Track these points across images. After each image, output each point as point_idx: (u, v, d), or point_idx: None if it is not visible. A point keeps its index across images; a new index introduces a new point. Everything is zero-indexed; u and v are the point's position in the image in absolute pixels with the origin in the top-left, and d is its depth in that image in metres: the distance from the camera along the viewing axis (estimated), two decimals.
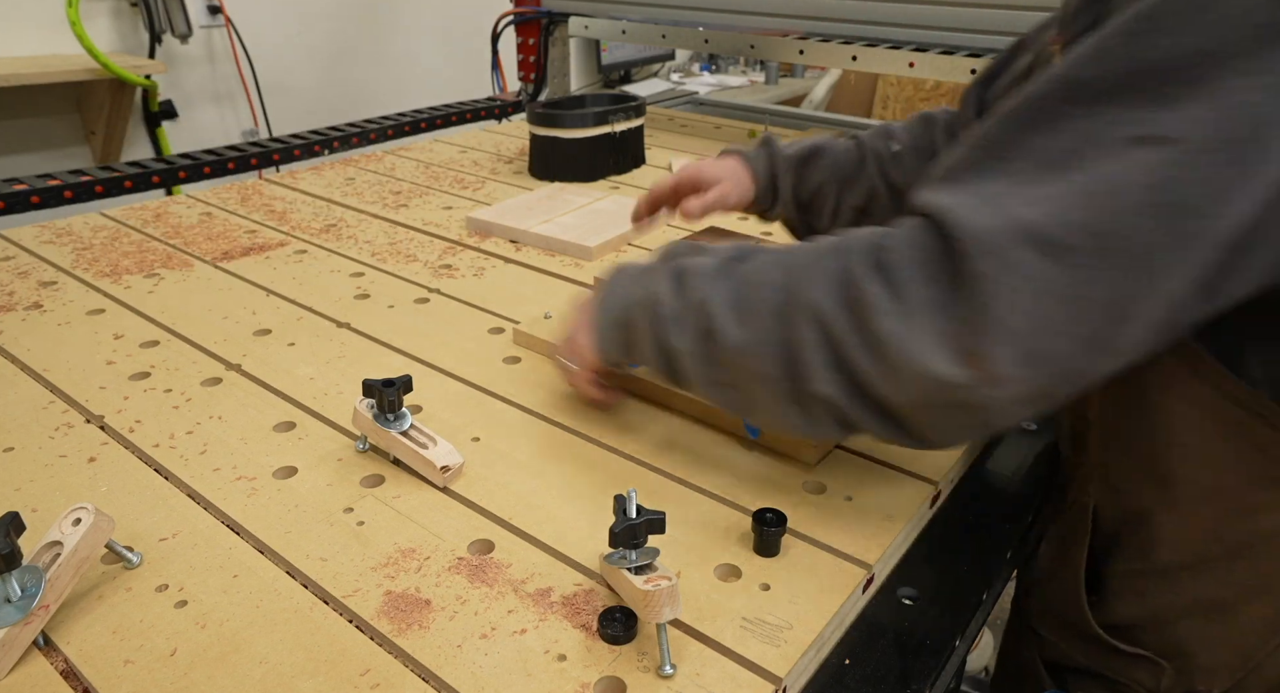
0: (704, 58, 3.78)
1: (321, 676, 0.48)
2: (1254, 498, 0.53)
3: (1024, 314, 0.42)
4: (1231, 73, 0.38)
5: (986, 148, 0.45)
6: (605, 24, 1.80)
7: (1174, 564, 0.59)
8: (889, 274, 0.47)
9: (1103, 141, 0.41)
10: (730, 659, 0.49)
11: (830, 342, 0.49)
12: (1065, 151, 0.42)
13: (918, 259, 0.46)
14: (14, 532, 0.48)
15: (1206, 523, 0.56)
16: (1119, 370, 0.45)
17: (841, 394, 0.50)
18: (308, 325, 0.89)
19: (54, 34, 2.04)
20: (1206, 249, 0.40)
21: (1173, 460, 0.56)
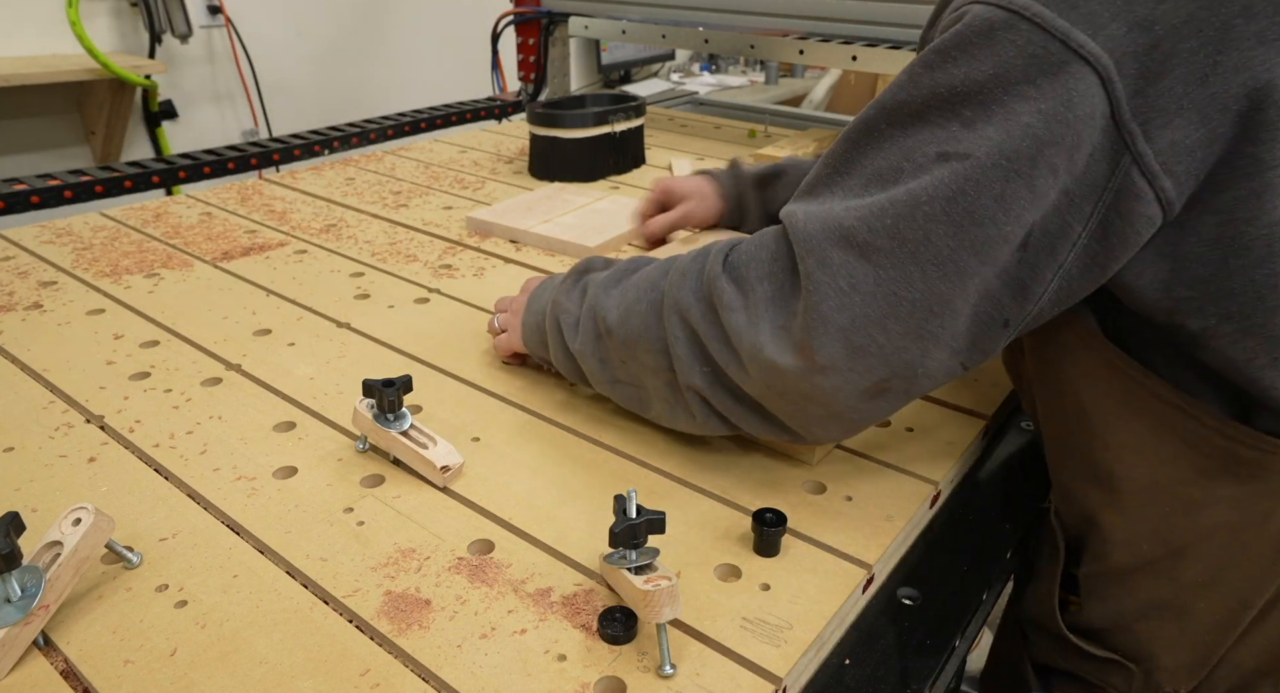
0: (704, 58, 3.78)
1: (321, 676, 0.48)
2: (1191, 494, 0.54)
3: (842, 309, 0.48)
4: (1015, 97, 0.43)
5: (831, 164, 0.51)
6: (605, 24, 1.80)
7: (1126, 566, 0.60)
8: (736, 273, 0.53)
9: (916, 157, 0.46)
10: (730, 659, 0.49)
11: (694, 336, 0.56)
12: (889, 168, 0.47)
13: (762, 259, 0.52)
14: (14, 532, 0.48)
15: (1151, 523, 0.57)
16: (964, 365, 0.50)
17: (707, 385, 0.57)
18: (308, 325, 0.89)
19: (54, 34, 2.04)
20: (1000, 252, 0.45)
21: (1110, 460, 0.57)
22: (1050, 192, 0.44)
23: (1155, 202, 0.44)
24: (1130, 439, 0.55)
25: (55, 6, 2.01)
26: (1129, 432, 0.55)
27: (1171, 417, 0.53)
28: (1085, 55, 0.41)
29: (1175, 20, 0.41)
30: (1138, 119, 0.42)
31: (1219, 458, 0.52)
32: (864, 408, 0.52)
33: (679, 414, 0.61)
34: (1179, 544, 0.56)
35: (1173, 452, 0.54)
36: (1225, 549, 0.55)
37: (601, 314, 0.63)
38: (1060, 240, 0.45)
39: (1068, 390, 0.58)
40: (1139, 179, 0.43)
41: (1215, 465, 0.52)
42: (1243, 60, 0.41)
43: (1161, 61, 0.41)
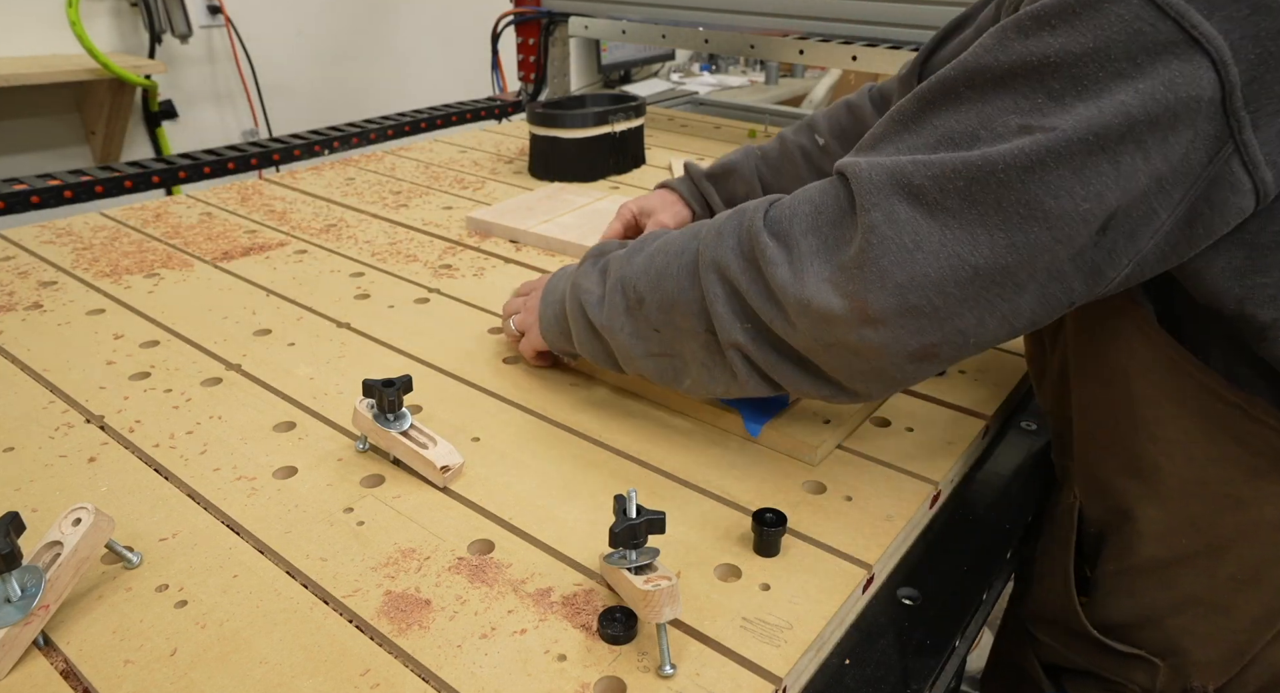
0: (704, 58, 3.78)
1: (321, 676, 0.48)
2: (1237, 491, 0.53)
3: (902, 265, 0.46)
4: (1113, 76, 0.41)
5: (899, 120, 0.49)
6: (605, 24, 1.80)
7: (1162, 561, 0.59)
8: (778, 227, 0.52)
9: (995, 126, 0.44)
10: (730, 659, 0.49)
11: (735, 292, 0.54)
12: (964, 133, 0.45)
13: (805, 212, 0.51)
14: (14, 532, 0.48)
15: (1192, 518, 0.56)
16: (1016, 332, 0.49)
17: (750, 341, 0.55)
18: (308, 325, 0.89)
19: (54, 34, 2.04)
20: (1077, 231, 0.43)
21: (1155, 455, 0.56)
22: (1139, 174, 0.41)
23: (1252, 193, 0.41)
24: (1179, 435, 0.54)
25: (55, 6, 2.01)
26: (1178, 427, 0.54)
27: (1226, 414, 0.51)
28: (1198, 37, 0.38)
29: None
30: (1249, 106, 0.39)
31: (1272, 457, 0.50)
32: (909, 368, 0.51)
33: (719, 377, 0.59)
34: (1221, 541, 0.55)
35: (1223, 450, 0.52)
36: (1269, 547, 0.53)
37: (631, 283, 0.61)
38: (1142, 227, 0.43)
39: (1116, 380, 0.56)
40: (1239, 169, 0.41)
41: (1268, 464, 0.51)
42: None
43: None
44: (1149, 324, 0.53)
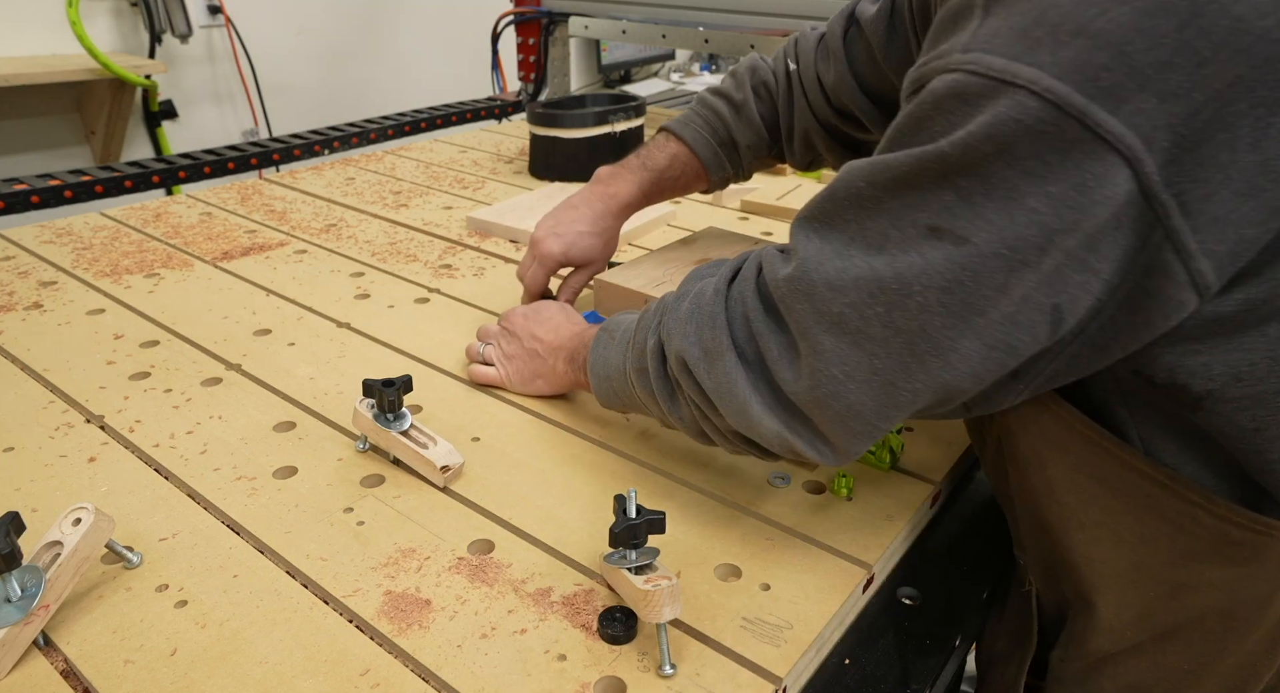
0: (704, 58, 3.78)
1: (321, 676, 0.48)
2: (1175, 576, 0.49)
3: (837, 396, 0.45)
4: (1019, 174, 0.37)
5: (814, 214, 0.47)
6: (605, 24, 1.80)
7: (1109, 653, 0.55)
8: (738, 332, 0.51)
9: (904, 226, 0.41)
10: (730, 659, 0.49)
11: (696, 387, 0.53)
12: (876, 232, 0.43)
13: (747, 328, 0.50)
14: (14, 532, 0.48)
15: (1135, 607, 0.52)
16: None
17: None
18: (308, 325, 0.89)
19: (54, 34, 2.04)
20: (1010, 334, 0.41)
21: (1086, 542, 0.53)
22: (1068, 274, 0.39)
23: (1190, 286, 0.38)
24: (1106, 517, 0.50)
25: (55, 6, 2.01)
26: (1102, 509, 0.50)
27: (1152, 492, 0.47)
28: (1105, 135, 0.35)
29: (1219, 84, 0.35)
30: (1171, 189, 0.36)
31: (1208, 539, 0.46)
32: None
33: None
34: (1165, 629, 0.52)
35: (1153, 530, 0.48)
36: (1216, 637, 0.50)
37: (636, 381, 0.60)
38: (1091, 321, 0.41)
39: (1034, 464, 0.53)
40: (1171, 258, 0.37)
41: (1204, 547, 0.47)
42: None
43: (1202, 128, 0.35)
44: (1056, 402, 0.50)
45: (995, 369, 0.43)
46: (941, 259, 0.40)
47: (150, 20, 2.18)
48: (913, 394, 0.44)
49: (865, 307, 0.43)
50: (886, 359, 0.43)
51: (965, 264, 0.39)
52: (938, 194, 0.40)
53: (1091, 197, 0.36)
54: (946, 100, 0.39)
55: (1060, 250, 0.38)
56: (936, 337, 0.42)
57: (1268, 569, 0.46)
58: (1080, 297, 0.40)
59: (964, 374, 0.43)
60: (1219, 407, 0.43)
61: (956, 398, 0.45)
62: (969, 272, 0.39)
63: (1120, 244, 0.38)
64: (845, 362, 0.44)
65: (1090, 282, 0.39)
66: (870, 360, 0.44)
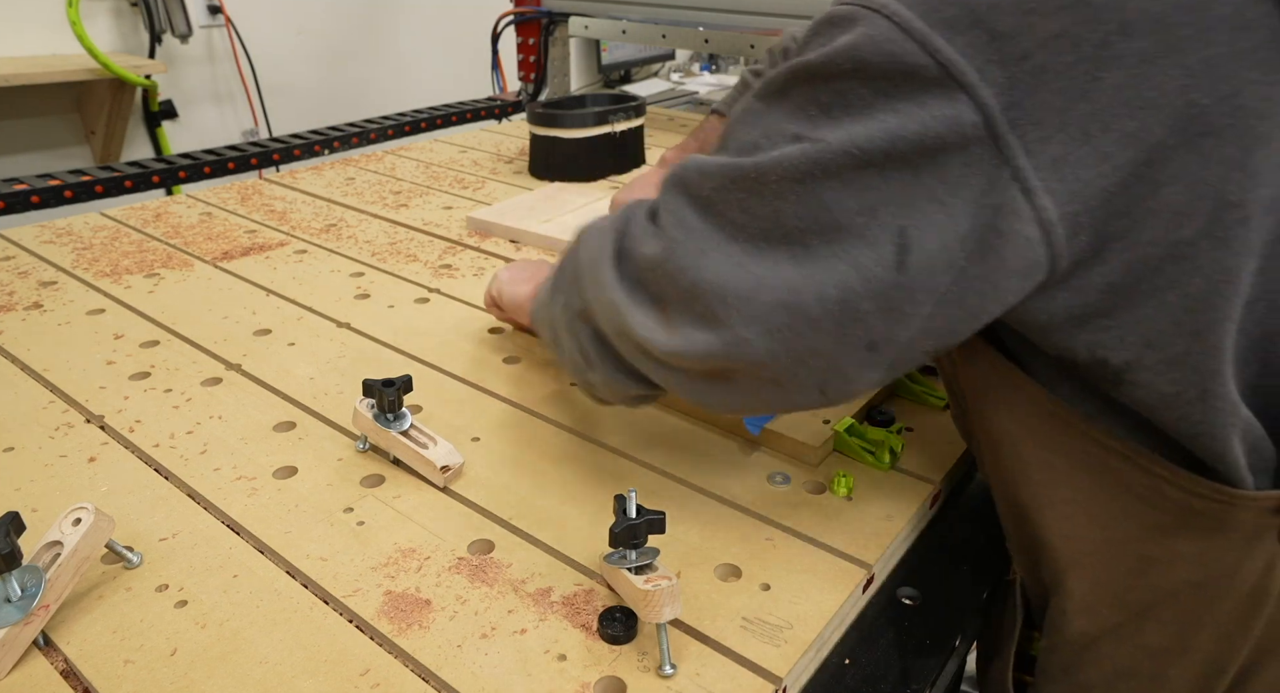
0: (704, 58, 3.78)
1: (321, 676, 0.48)
2: (1147, 550, 0.50)
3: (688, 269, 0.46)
4: (874, 93, 0.41)
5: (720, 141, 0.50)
6: (605, 24, 1.80)
7: (1089, 634, 0.55)
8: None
9: (773, 135, 0.45)
10: (730, 659, 0.49)
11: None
12: (750, 143, 0.46)
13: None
14: (14, 532, 0.48)
15: (1110, 586, 0.53)
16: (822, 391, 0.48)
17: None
18: (308, 325, 0.89)
19: (54, 34, 2.04)
20: (859, 252, 0.43)
21: (1059, 519, 0.53)
22: (913, 193, 0.41)
23: (1034, 221, 0.40)
24: (1076, 494, 0.51)
25: (55, 6, 2.01)
26: (1074, 487, 0.51)
27: (1119, 469, 0.48)
28: (942, 60, 0.39)
29: (1044, 34, 0.39)
30: (1015, 131, 0.39)
31: (1174, 512, 0.47)
32: (704, 388, 0.50)
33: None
34: (1141, 606, 0.52)
35: (1123, 507, 0.49)
36: (1191, 611, 0.50)
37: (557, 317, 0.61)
38: (937, 260, 0.42)
39: (1007, 444, 0.54)
40: (1018, 195, 0.40)
41: (1172, 520, 0.48)
42: (1126, 79, 0.39)
43: (1036, 73, 0.39)
44: (1025, 381, 0.51)
45: (838, 289, 0.43)
46: (796, 152, 0.43)
47: (150, 20, 2.18)
48: (757, 282, 0.44)
49: (727, 191, 0.45)
50: (743, 242, 0.45)
51: (817, 158, 0.42)
52: (805, 108, 0.43)
53: (934, 117, 0.40)
54: (821, 24, 0.44)
55: (907, 166, 0.41)
56: (787, 226, 0.44)
57: (1233, 540, 0.47)
58: (926, 228, 0.41)
59: (810, 279, 0.43)
60: (1140, 376, 0.45)
61: (801, 318, 0.44)
62: (819, 165, 0.42)
63: (969, 184, 0.40)
64: (703, 237, 0.46)
65: (938, 214, 0.41)
66: (727, 241, 0.46)
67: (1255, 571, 0.47)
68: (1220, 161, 0.40)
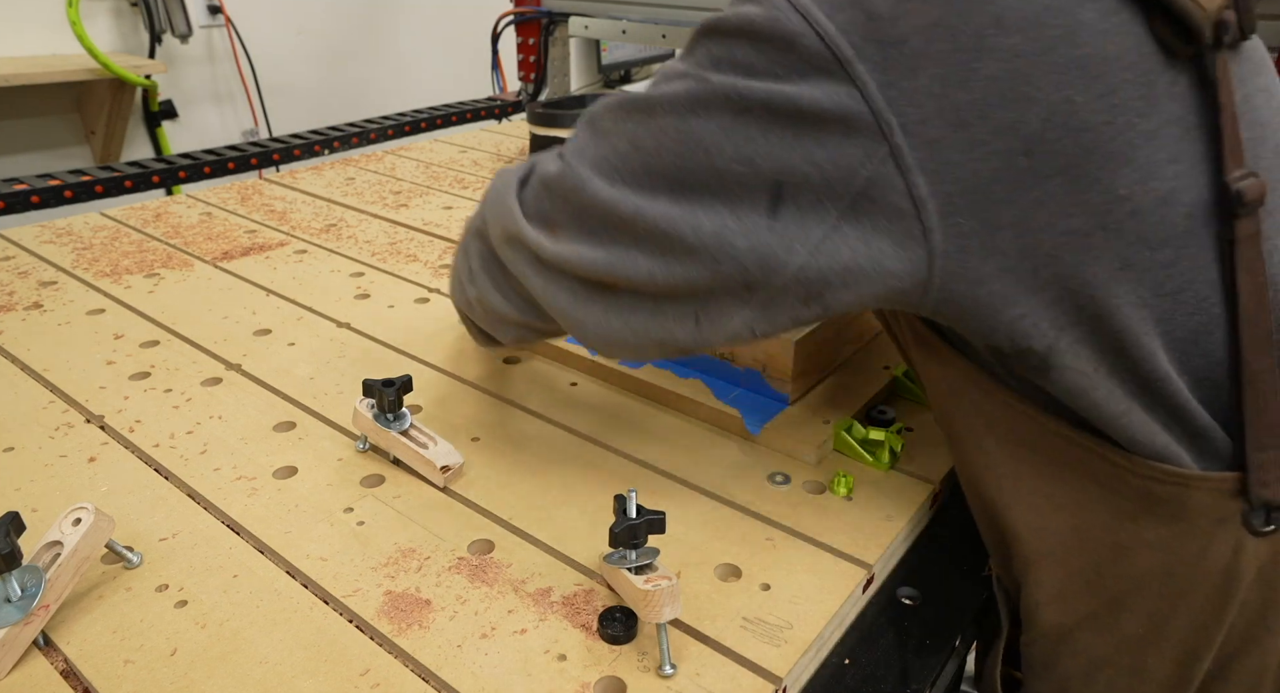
0: None
1: (321, 676, 0.48)
2: (1115, 538, 0.50)
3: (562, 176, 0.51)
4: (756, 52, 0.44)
5: None
6: (605, 24, 1.80)
7: (1065, 626, 0.56)
8: None
9: (668, 73, 0.48)
10: (730, 659, 0.49)
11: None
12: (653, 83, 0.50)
13: None
14: (14, 532, 0.48)
15: (1083, 574, 0.53)
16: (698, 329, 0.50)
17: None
18: (308, 325, 0.89)
19: (54, 34, 2.04)
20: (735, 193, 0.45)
21: (1027, 512, 0.54)
22: (790, 152, 0.43)
23: (906, 195, 0.43)
24: (1042, 485, 0.52)
25: (55, 6, 2.01)
26: (1039, 478, 0.52)
27: (1081, 459, 0.50)
28: (820, 31, 0.42)
29: (921, 22, 0.41)
30: (893, 109, 0.42)
31: (1137, 499, 0.48)
32: (584, 299, 0.52)
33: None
34: (1113, 596, 0.52)
35: (1088, 496, 0.50)
36: (1162, 598, 0.51)
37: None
38: (810, 213, 0.44)
39: (970, 440, 0.55)
40: (892, 171, 0.42)
41: (1135, 507, 0.49)
42: (1001, 71, 0.41)
43: (913, 58, 0.41)
44: (976, 375, 0.52)
45: (713, 225, 0.46)
46: (681, 88, 0.46)
47: (150, 20, 2.18)
48: (636, 210, 0.47)
49: (617, 119, 0.49)
50: (624, 170, 0.48)
51: (698, 94, 0.45)
52: (698, 58, 0.47)
53: (815, 87, 0.42)
54: (732, 3, 0.47)
55: (787, 125, 0.43)
56: (666, 159, 0.46)
57: (1197, 526, 0.48)
58: (801, 183, 0.44)
59: (688, 214, 0.46)
60: (1062, 359, 0.46)
61: (679, 246, 0.47)
62: (699, 101, 0.45)
63: (847, 153, 0.43)
64: (595, 158, 0.50)
65: (813, 174, 0.43)
66: (612, 169, 0.49)
67: (1223, 556, 0.48)
68: (1103, 156, 0.42)
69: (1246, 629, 0.51)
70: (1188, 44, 0.43)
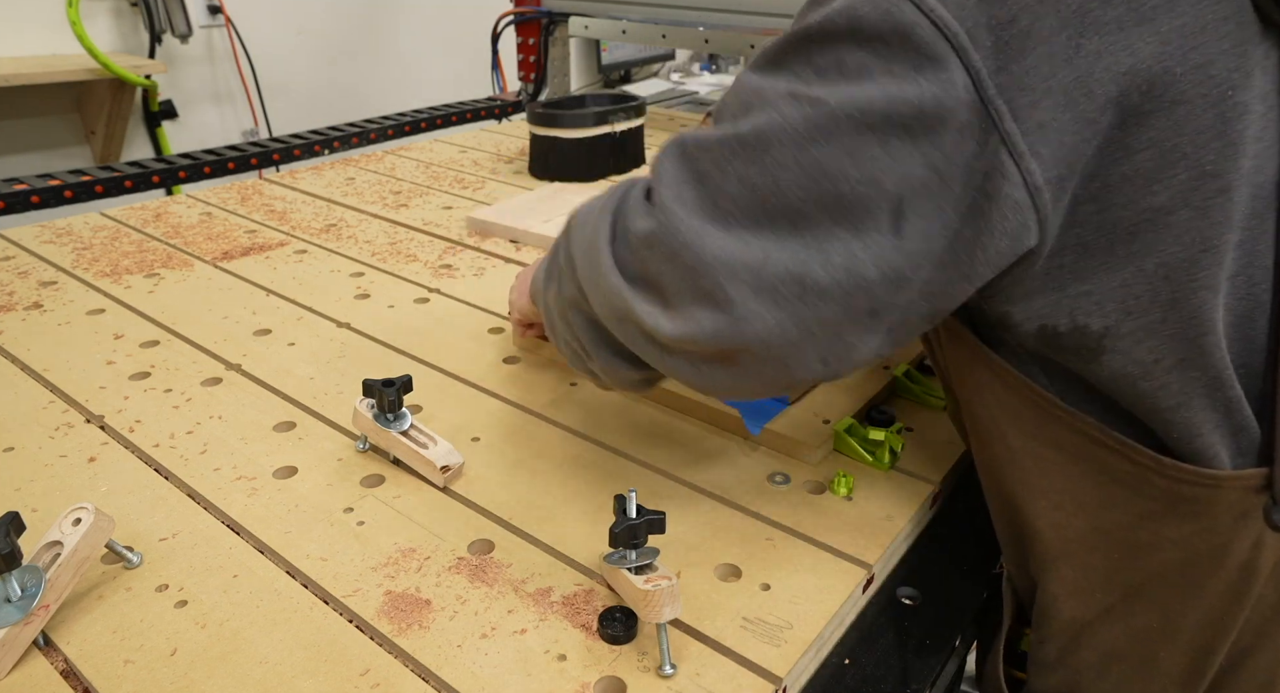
0: (704, 58, 3.78)
1: (321, 676, 0.48)
2: (1135, 536, 0.50)
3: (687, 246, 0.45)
4: (869, 55, 0.41)
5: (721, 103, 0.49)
6: (605, 24, 1.80)
7: (1081, 620, 0.56)
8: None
9: (766, 95, 0.44)
10: (730, 659, 0.49)
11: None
12: (741, 105, 0.46)
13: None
14: (14, 532, 0.48)
15: (1101, 570, 0.53)
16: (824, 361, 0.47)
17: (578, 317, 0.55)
18: (308, 325, 0.89)
19: (54, 34, 2.04)
20: (863, 220, 0.43)
21: (1048, 509, 0.54)
22: (911, 161, 0.41)
23: (1022, 185, 0.41)
24: (1066, 483, 0.52)
25: (55, 6, 2.01)
26: (1063, 474, 0.51)
27: (1105, 458, 0.49)
28: (934, 19, 0.40)
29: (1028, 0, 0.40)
30: (1004, 96, 0.40)
31: (1162, 499, 0.48)
32: (707, 371, 0.49)
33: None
34: (1130, 588, 0.52)
35: (1111, 496, 0.50)
36: (1179, 592, 0.51)
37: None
38: (932, 223, 0.43)
39: (994, 435, 0.55)
40: (1006, 159, 0.41)
41: (1160, 507, 0.48)
42: (1105, 45, 0.40)
43: (1022, 38, 0.40)
44: (1005, 370, 0.51)
45: (843, 258, 0.43)
46: (798, 116, 0.43)
47: (150, 20, 2.18)
48: (763, 255, 0.44)
49: (725, 162, 0.45)
50: (739, 215, 0.44)
51: (817, 121, 0.42)
52: (798, 70, 0.44)
53: (930, 82, 0.40)
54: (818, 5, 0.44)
55: (906, 135, 0.41)
56: (788, 197, 0.43)
57: (1220, 522, 0.47)
58: (923, 194, 0.42)
59: (817, 249, 0.43)
60: (1119, 344, 0.45)
61: (811, 289, 0.44)
62: (820, 129, 0.42)
63: (962, 149, 0.41)
64: (702, 214, 0.45)
65: (933, 180, 0.41)
66: (726, 216, 0.45)
67: (1243, 549, 0.48)
68: (1195, 130, 0.41)
69: (1261, 625, 0.51)
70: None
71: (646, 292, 0.48)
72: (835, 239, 0.43)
